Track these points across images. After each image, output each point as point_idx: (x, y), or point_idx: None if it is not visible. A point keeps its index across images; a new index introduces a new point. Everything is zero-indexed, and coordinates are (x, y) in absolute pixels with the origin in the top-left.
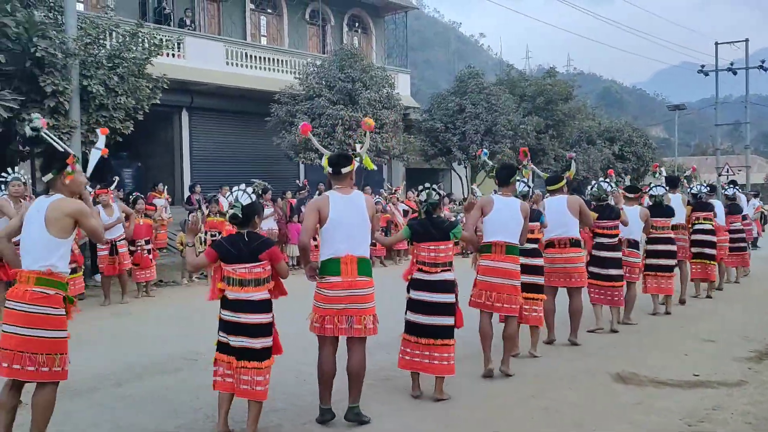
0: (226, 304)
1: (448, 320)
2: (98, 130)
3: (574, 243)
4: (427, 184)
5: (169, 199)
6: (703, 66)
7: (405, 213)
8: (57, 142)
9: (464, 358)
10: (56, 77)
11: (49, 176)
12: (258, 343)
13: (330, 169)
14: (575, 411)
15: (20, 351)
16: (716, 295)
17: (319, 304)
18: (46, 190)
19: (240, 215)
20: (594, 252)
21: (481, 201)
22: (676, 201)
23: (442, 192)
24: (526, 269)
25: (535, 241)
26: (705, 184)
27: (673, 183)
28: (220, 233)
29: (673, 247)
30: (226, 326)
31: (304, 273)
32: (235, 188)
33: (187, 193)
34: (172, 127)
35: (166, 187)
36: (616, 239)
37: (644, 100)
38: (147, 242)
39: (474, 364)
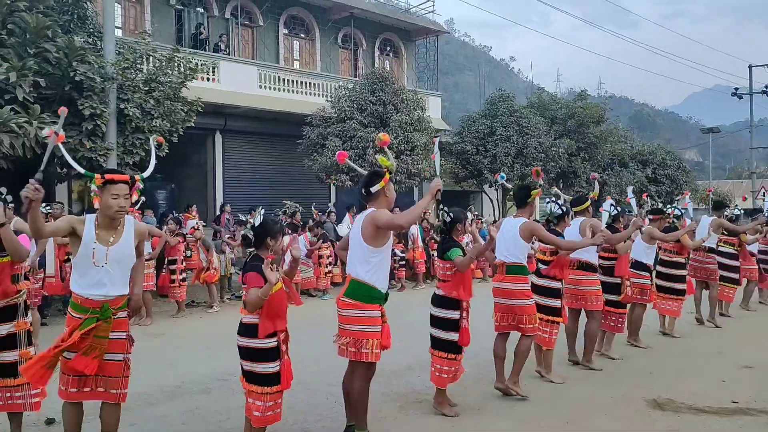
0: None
1: (445, 334)
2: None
3: (582, 266)
4: (444, 208)
5: (203, 223)
6: (737, 89)
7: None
8: (66, 156)
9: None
10: (94, 100)
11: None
12: (258, 367)
13: (363, 191)
14: None
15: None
16: (754, 321)
17: None
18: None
19: (251, 237)
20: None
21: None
22: (704, 223)
23: (452, 216)
24: (541, 290)
25: (549, 262)
26: (739, 208)
27: (717, 207)
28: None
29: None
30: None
31: None
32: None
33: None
34: (205, 150)
35: (195, 206)
36: (612, 262)
37: (677, 123)
38: (172, 262)
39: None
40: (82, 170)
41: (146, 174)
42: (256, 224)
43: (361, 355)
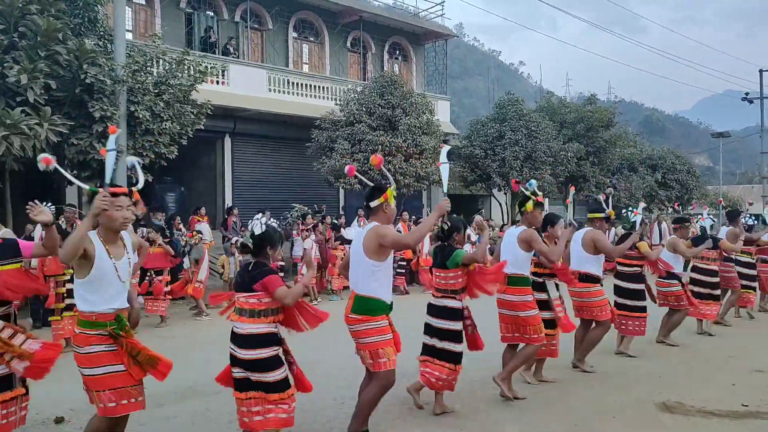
0: (231, 333)
1: (449, 345)
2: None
3: (584, 278)
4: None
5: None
6: (747, 93)
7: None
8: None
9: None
10: (104, 103)
11: None
12: (256, 376)
13: (366, 204)
14: None
15: None
16: (765, 325)
17: None
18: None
19: (250, 245)
20: (616, 282)
21: None
22: (722, 234)
23: (449, 224)
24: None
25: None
26: (749, 214)
27: (731, 217)
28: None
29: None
30: (230, 359)
31: None
32: (255, 218)
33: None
34: (214, 152)
35: (204, 208)
36: (638, 269)
37: (687, 128)
38: (158, 273)
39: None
40: (86, 186)
41: (138, 187)
42: (256, 232)
43: (380, 366)
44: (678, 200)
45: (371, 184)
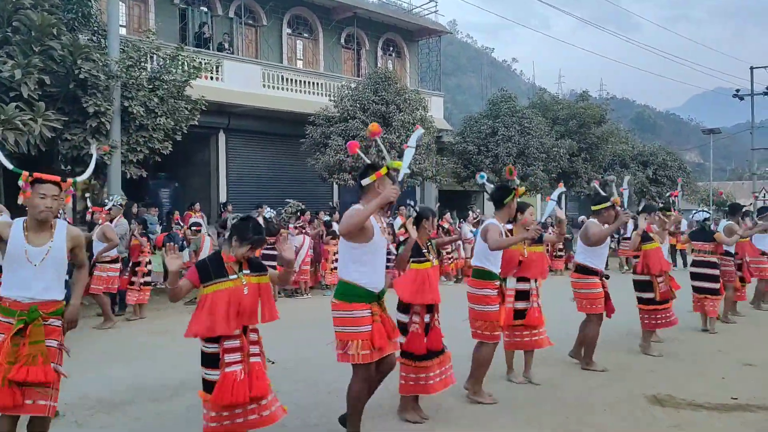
0: None
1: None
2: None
3: (579, 269)
4: (410, 203)
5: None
6: (738, 90)
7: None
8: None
9: (497, 378)
10: (98, 98)
11: None
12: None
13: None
14: None
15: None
16: (756, 320)
17: None
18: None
19: (226, 224)
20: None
21: None
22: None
23: (417, 211)
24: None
25: None
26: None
27: (732, 211)
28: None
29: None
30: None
31: None
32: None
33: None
34: (209, 148)
35: (199, 204)
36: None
37: (678, 125)
38: (136, 265)
39: (508, 387)
40: (10, 166)
41: (81, 178)
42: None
43: (347, 357)
44: (669, 196)
45: (369, 162)
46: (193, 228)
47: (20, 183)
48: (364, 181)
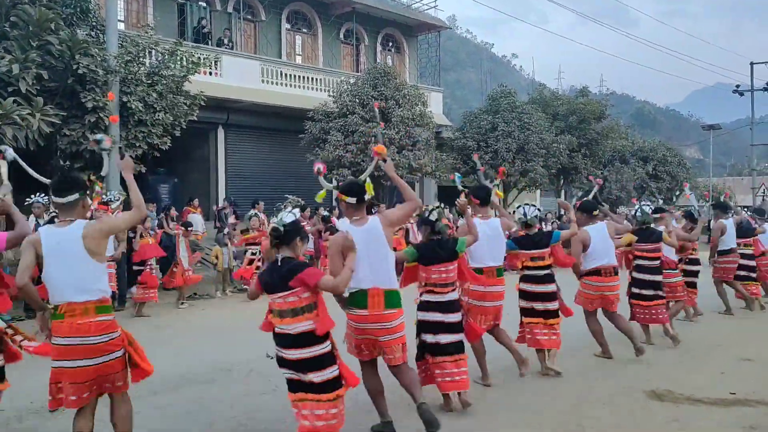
0: (275, 336)
1: (460, 337)
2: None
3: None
4: (435, 204)
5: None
6: (738, 86)
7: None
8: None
9: (498, 372)
10: (97, 93)
11: (74, 197)
12: (313, 376)
13: (353, 200)
14: (609, 428)
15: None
16: (756, 316)
17: (352, 333)
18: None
19: (281, 230)
20: (635, 275)
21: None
22: (729, 225)
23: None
24: (542, 296)
25: (548, 266)
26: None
27: (722, 208)
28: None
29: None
30: (278, 361)
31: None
32: (284, 210)
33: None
34: (208, 144)
35: (197, 200)
36: (657, 262)
37: (678, 120)
38: (156, 262)
39: (508, 381)
40: (35, 175)
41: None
42: (286, 221)
43: (405, 357)
44: (669, 192)
45: (329, 186)
46: (189, 228)
47: (97, 188)
48: (350, 200)
